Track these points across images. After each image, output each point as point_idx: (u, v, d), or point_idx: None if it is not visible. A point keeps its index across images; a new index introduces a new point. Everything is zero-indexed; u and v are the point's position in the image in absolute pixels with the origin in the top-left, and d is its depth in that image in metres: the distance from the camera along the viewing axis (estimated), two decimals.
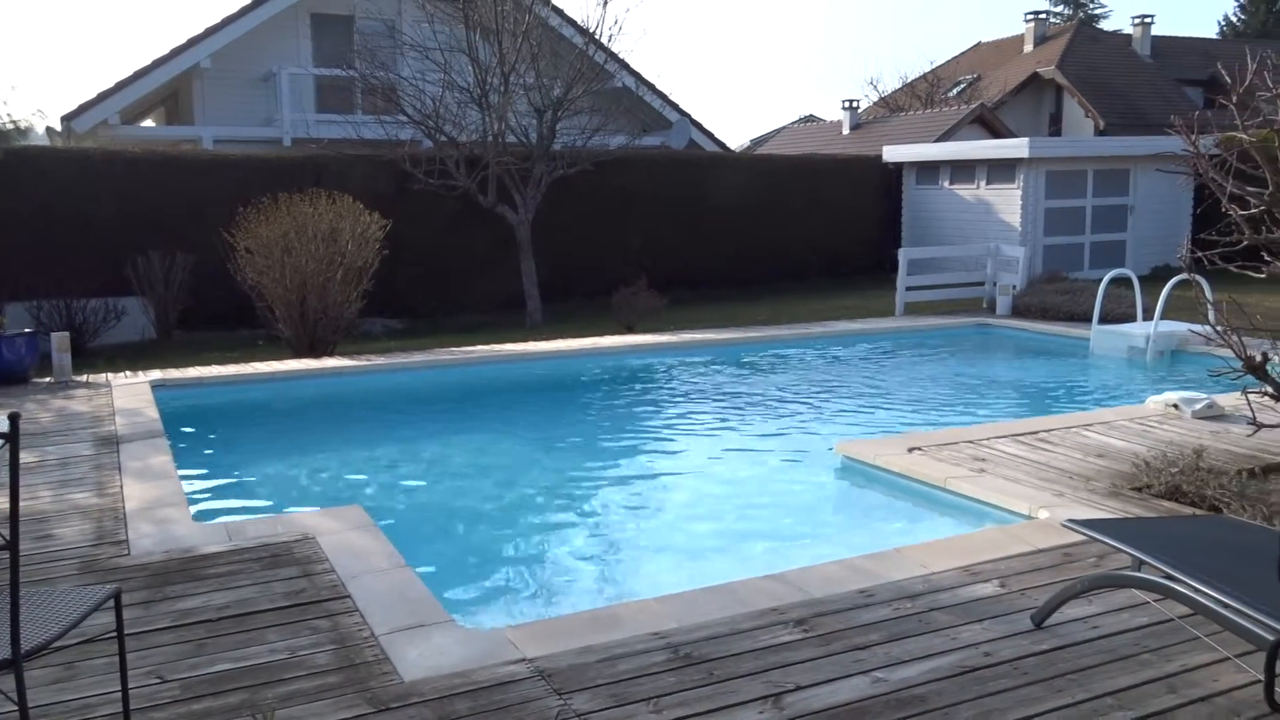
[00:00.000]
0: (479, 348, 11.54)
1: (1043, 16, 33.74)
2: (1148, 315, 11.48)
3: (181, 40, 19.25)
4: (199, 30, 18.82)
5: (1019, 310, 13.96)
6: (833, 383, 10.53)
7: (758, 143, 35.88)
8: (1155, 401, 7.93)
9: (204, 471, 7.37)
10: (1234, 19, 43.47)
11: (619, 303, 13.45)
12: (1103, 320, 11.73)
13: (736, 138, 46.85)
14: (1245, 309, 6.16)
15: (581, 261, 16.50)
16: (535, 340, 12.18)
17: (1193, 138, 5.68)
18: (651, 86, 20.67)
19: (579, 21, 16.37)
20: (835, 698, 3.58)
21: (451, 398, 10.11)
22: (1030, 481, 6.08)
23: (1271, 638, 3.04)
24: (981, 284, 15.33)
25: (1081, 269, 17.29)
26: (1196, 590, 3.32)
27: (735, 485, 7.18)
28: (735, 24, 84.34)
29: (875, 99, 35.53)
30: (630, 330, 13.00)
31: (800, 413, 9.19)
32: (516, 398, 10.24)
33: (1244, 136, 5.64)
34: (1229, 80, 5.76)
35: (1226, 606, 3.22)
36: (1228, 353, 5.81)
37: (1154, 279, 14.77)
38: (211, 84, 19.38)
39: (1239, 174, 5.77)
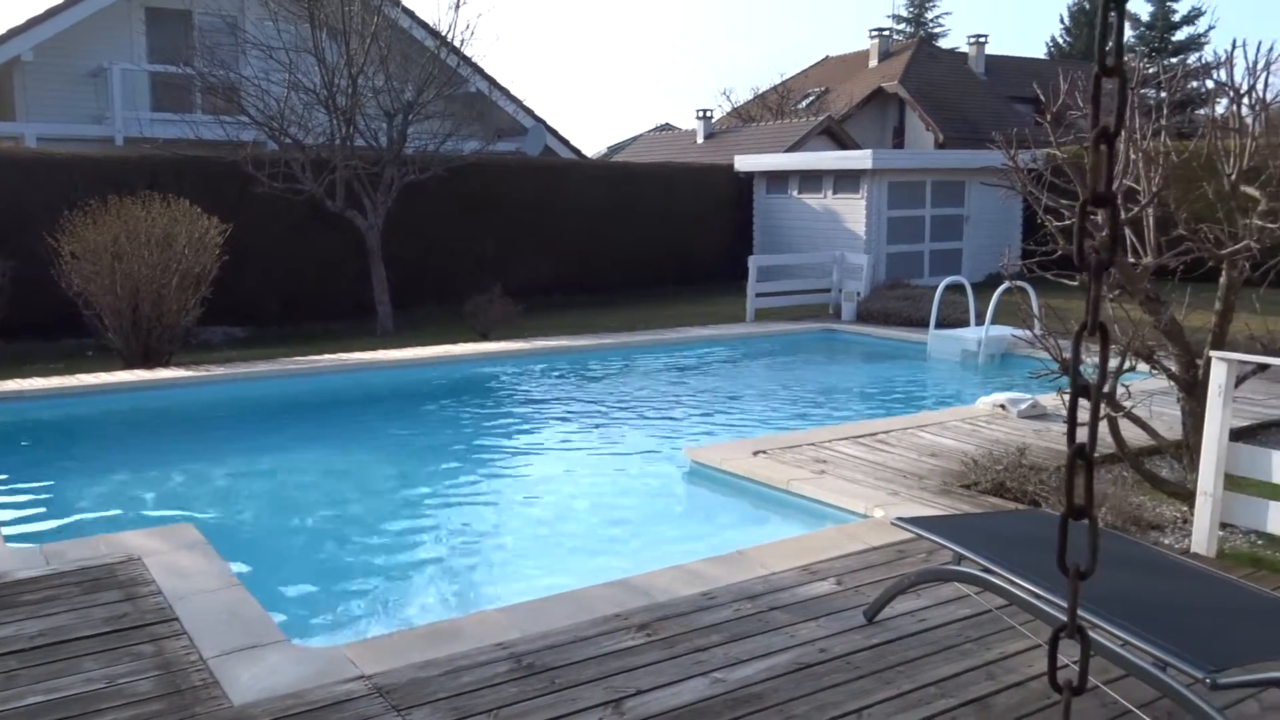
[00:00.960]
0: (325, 357, 11.23)
1: (886, 33, 35.11)
2: (980, 320, 12.07)
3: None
4: (19, 21, 17.71)
5: (863, 316, 14.48)
6: (685, 388, 10.68)
7: (614, 150, 36.13)
8: (984, 402, 8.35)
9: (20, 492, 6.92)
10: (1060, 41, 46.15)
11: (473, 310, 13.31)
12: (939, 325, 12.28)
13: (593, 145, 47.12)
14: (1062, 314, 6.55)
15: (435, 268, 16.26)
16: (385, 349, 11.92)
17: (1011, 153, 6.01)
18: (506, 92, 20.56)
19: (431, 24, 16.14)
20: (676, 700, 3.63)
21: (295, 409, 9.80)
22: (868, 481, 6.30)
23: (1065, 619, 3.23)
24: (828, 290, 15.83)
25: (922, 276, 18.03)
26: (1009, 581, 3.51)
27: (585, 492, 7.20)
28: (592, 33, 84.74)
29: (728, 109, 36.28)
30: (484, 338, 12.88)
31: (652, 418, 9.28)
32: (364, 408, 10.00)
33: (1056, 152, 6.00)
34: (1045, 99, 6.12)
35: (1035, 596, 3.41)
36: (1048, 355, 6.16)
37: (988, 286, 15.52)
38: (35, 78, 18.25)
39: (1054, 187, 6.13)
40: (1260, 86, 5.67)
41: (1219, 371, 5.07)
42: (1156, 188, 5.69)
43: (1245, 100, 5.67)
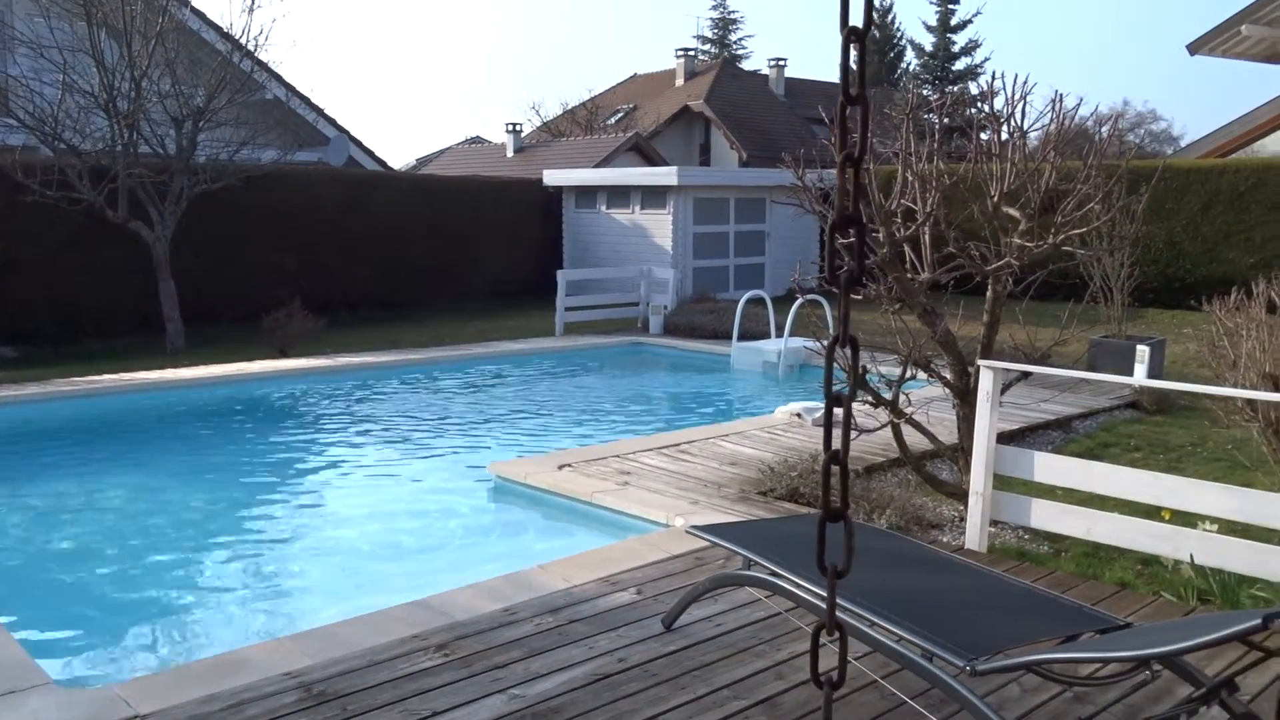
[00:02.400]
0: (105, 377, 10.51)
1: (691, 53, 36.07)
2: (780, 333, 12.54)
3: None
4: None
5: (670, 329, 14.78)
6: (492, 403, 10.60)
7: (423, 162, 35.54)
8: (782, 411, 8.67)
9: None
10: (854, 67, 48.69)
11: (271, 326, 12.78)
12: (741, 338, 12.68)
13: (402, 157, 46.14)
14: (853, 326, 6.89)
15: (230, 282, 15.50)
16: (175, 367, 11.28)
17: (799, 172, 6.29)
18: (306, 100, 19.88)
19: (223, 27, 15.43)
20: (473, 719, 3.58)
21: (70, 434, 9.12)
22: (670, 491, 6.43)
23: (844, 618, 3.40)
24: (636, 304, 16.08)
25: (728, 290, 18.58)
26: (794, 584, 3.65)
27: (385, 513, 7.02)
28: (400, 44, 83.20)
29: (538, 124, 36.36)
30: (283, 355, 12.38)
31: (457, 435, 9.16)
32: (147, 431, 9.42)
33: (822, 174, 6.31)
34: (829, 122, 6.44)
35: (818, 596, 3.56)
36: (876, 368, 6.46)
37: (788, 299, 16.16)
38: None
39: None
40: (1019, 115, 6.15)
41: (986, 379, 5.45)
42: (931, 208, 6.07)
43: (1005, 128, 6.14)
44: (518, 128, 29.88)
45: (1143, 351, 9.69)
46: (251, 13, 14.55)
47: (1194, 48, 26.19)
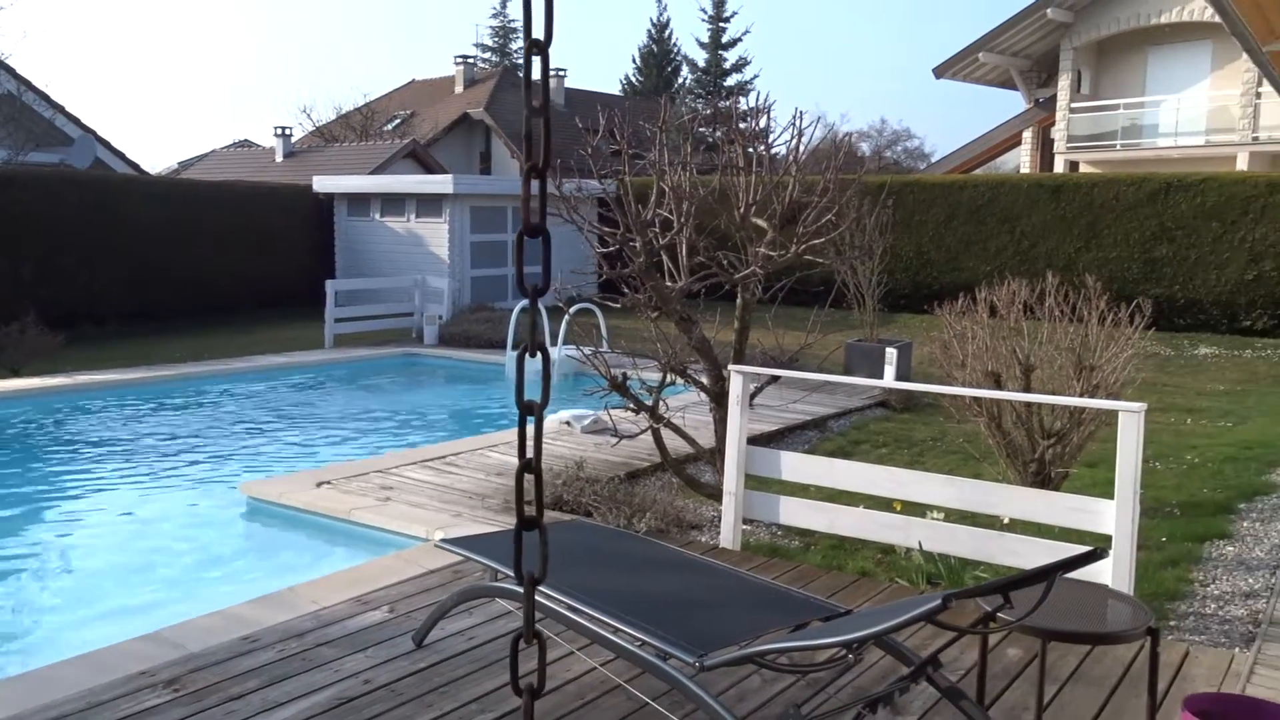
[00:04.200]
0: None
1: (470, 60, 35.77)
2: (555, 341, 12.59)
3: None
4: None
5: (445, 339, 14.56)
6: (251, 420, 10.10)
7: (185, 166, 33.56)
8: (551, 420, 8.70)
9: None
10: (633, 79, 49.65)
11: (1, 342, 11.68)
12: (515, 347, 12.65)
13: (162, 160, 43.40)
14: (627, 334, 7.00)
15: None
16: None
17: (557, 182, 6.33)
18: (44, 96, 18.35)
19: None
20: None
21: None
22: (433, 505, 6.32)
23: (587, 624, 3.44)
24: (411, 314, 15.76)
25: (506, 299, 18.51)
26: (540, 593, 3.65)
27: (124, 542, 6.53)
28: (160, 41, 78.23)
29: (310, 128, 35.07)
30: (15, 374, 11.35)
31: (211, 455, 8.66)
32: None
33: (599, 183, 6.42)
34: (586, 132, 6.53)
35: (562, 605, 3.58)
36: (637, 374, 6.53)
37: (566, 307, 16.26)
38: None
39: (604, 218, 6.54)
40: (765, 130, 6.44)
41: (736, 383, 5.66)
42: (685, 218, 6.26)
43: (755, 143, 6.41)
44: (287, 131, 28.71)
45: (891, 354, 10.35)
46: None
47: (939, 71, 28.30)
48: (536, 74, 1.83)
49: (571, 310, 11.82)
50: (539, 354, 1.89)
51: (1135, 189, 16.07)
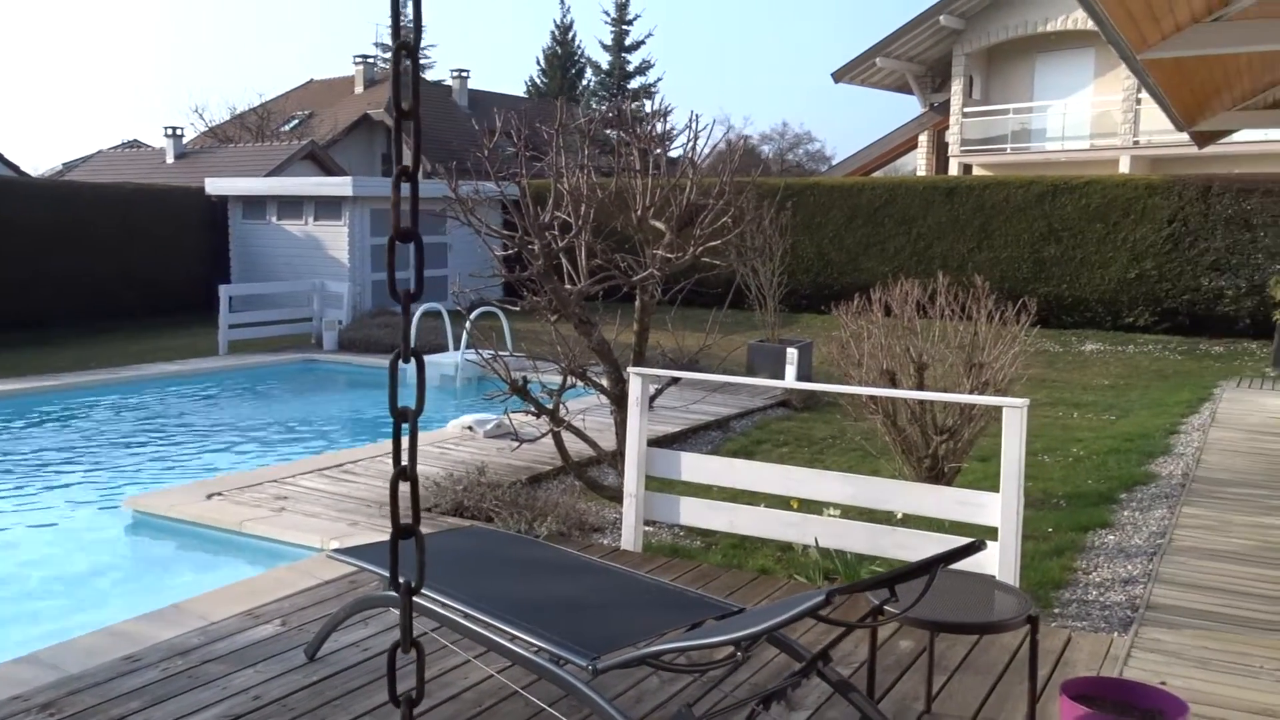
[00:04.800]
0: None
1: (370, 60, 35.17)
2: (458, 345, 12.46)
3: None
4: None
5: (345, 345, 14.29)
6: (138, 431, 9.74)
7: (70, 167, 32.28)
8: (454, 425, 8.61)
9: None
10: (538, 81, 49.46)
11: None
12: (403, 354, 12.47)
13: (46, 161, 41.67)
14: (531, 337, 6.95)
15: None
16: None
17: (453, 185, 6.27)
18: None
19: None
20: None
21: None
22: (328, 514, 6.19)
23: (482, 630, 3.41)
24: (309, 319, 15.42)
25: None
26: (433, 600, 3.61)
27: (1, 562, 6.24)
28: (42, 38, 75.11)
29: (203, 128, 34.08)
30: None
31: (96, 468, 8.33)
32: None
33: (495, 185, 6.37)
34: (484, 135, 6.47)
35: (457, 612, 3.54)
36: (538, 377, 6.48)
37: (469, 311, 16.11)
38: None
39: (508, 223, 6.49)
40: (661, 133, 6.47)
41: (636, 385, 5.67)
42: (582, 221, 6.25)
43: (650, 147, 6.44)
44: (179, 132, 27.84)
45: (792, 354, 10.49)
46: None
47: (838, 76, 28.82)
48: (409, 76, 1.79)
49: (473, 315, 11.72)
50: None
51: (1024, 191, 16.62)
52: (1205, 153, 19.09)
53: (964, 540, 4.72)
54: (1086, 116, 23.75)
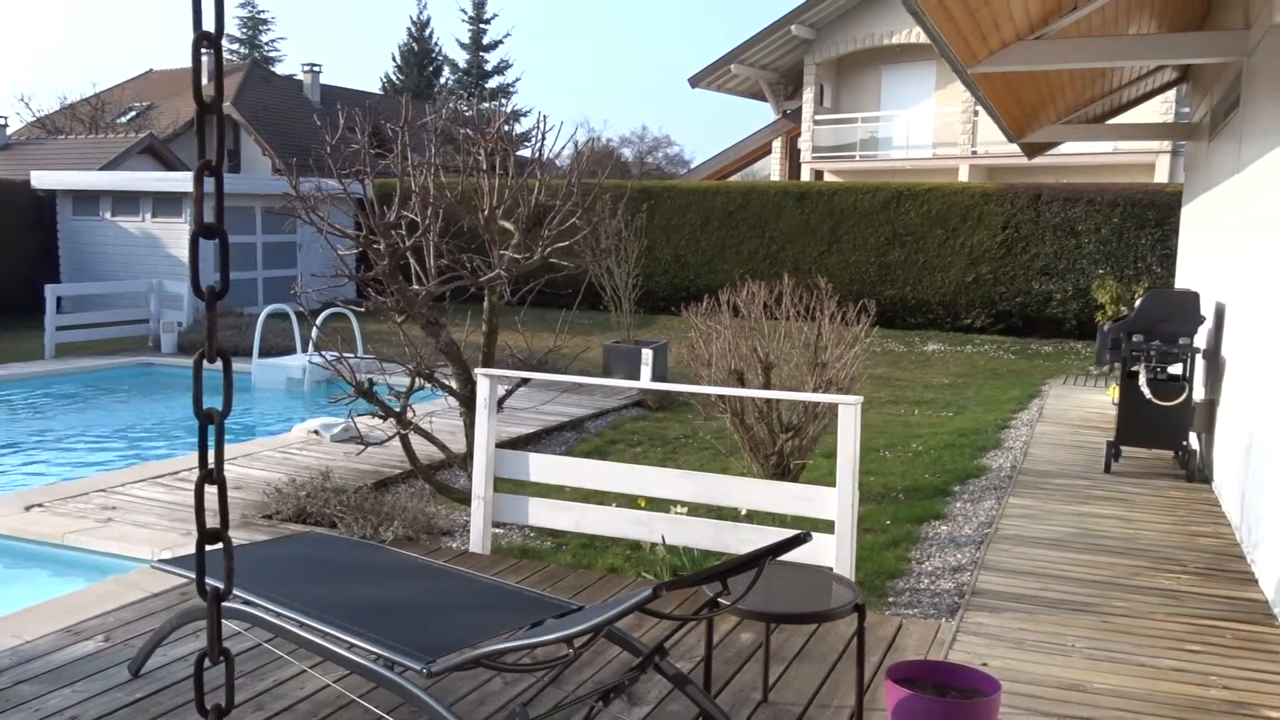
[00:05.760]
0: None
1: None
2: (307, 347, 12.10)
3: None
4: None
5: (185, 347, 13.69)
6: None
7: None
8: (299, 429, 8.36)
9: None
10: (394, 78, 48.50)
11: None
12: (264, 354, 12.07)
13: None
14: (385, 338, 6.80)
15: None
16: None
17: (293, 181, 6.09)
18: None
19: None
20: None
21: None
22: (160, 524, 5.92)
23: (316, 639, 3.32)
24: (146, 321, 14.71)
25: (256, 304, 17.62)
26: (264, 610, 3.49)
27: None
28: None
29: (30, 118, 32.09)
30: None
31: None
32: None
33: (339, 183, 6.22)
34: (328, 131, 6.31)
35: (290, 620, 3.44)
36: (385, 379, 6.33)
37: (319, 311, 15.66)
38: None
39: (360, 223, 6.33)
40: (509, 130, 6.44)
41: (483, 387, 5.63)
42: (428, 220, 6.16)
43: (497, 147, 6.40)
44: (3, 122, 26.12)
45: (647, 355, 10.60)
46: None
47: (694, 81, 29.29)
48: (208, 68, 1.74)
49: (322, 316, 11.41)
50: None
51: (871, 197, 17.24)
52: (1036, 163, 20.23)
53: (790, 533, 4.87)
54: (929, 127, 24.80)
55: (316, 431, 8.21)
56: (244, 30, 45.42)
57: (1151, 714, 3.79)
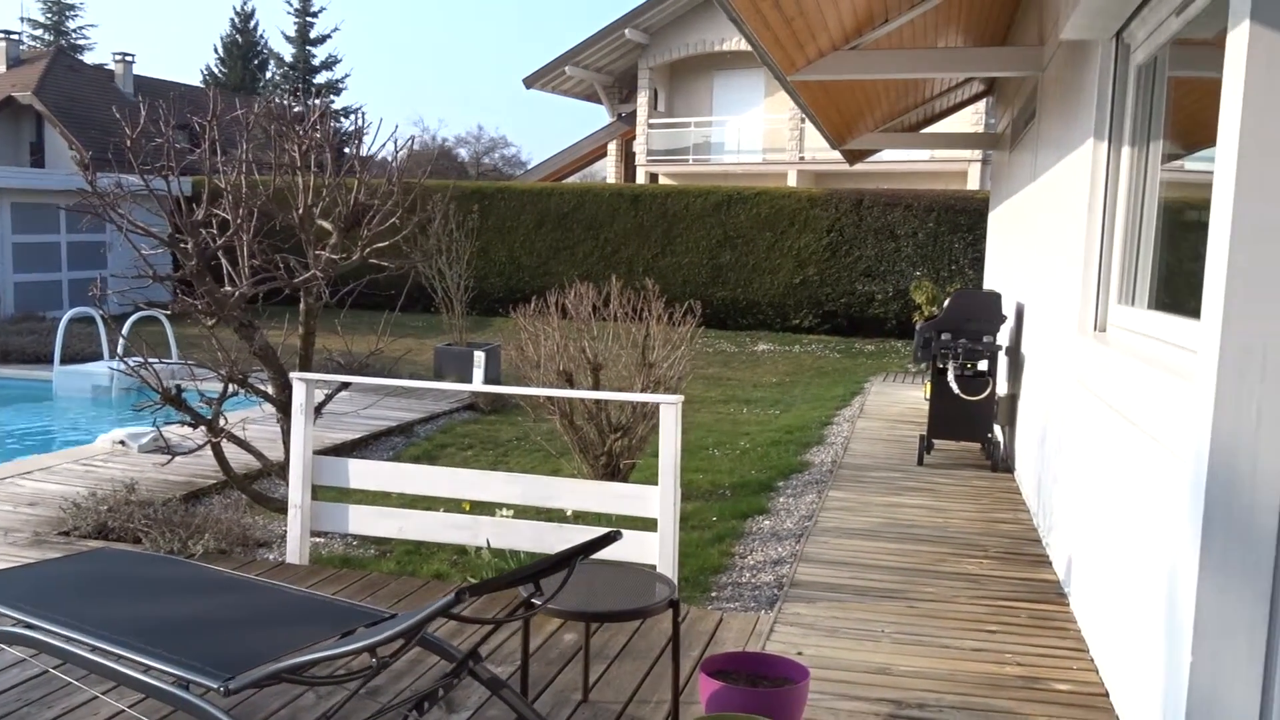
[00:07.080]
0: None
1: (15, 37, 31.54)
2: (116, 353, 11.42)
3: None
4: None
5: None
6: None
7: None
8: (104, 439, 7.87)
9: None
10: (216, 71, 46.39)
11: None
12: (67, 360, 11.32)
13: None
14: (197, 343, 6.45)
15: None
16: None
17: (90, 178, 5.73)
18: None
19: None
20: None
21: None
22: None
23: (106, 661, 3.13)
24: None
25: (61, 307, 16.54)
26: (50, 634, 3.26)
27: None
28: None
29: None
30: None
31: None
32: None
33: (138, 180, 5.88)
34: (127, 127, 5.95)
35: (76, 642, 3.22)
36: (196, 385, 5.99)
37: (129, 316, 14.81)
38: None
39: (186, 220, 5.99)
40: (319, 132, 6.24)
41: (300, 391, 5.43)
42: (240, 219, 5.90)
43: (311, 144, 6.20)
44: None
45: (479, 357, 10.49)
46: None
47: (529, 82, 29.22)
48: None
49: (131, 319, 10.79)
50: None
51: (703, 200, 17.58)
52: (859, 169, 21.08)
53: (631, 533, 4.91)
54: (759, 132, 25.49)
55: (123, 442, 7.75)
56: (48, 15, 42.57)
57: (952, 693, 3.99)
